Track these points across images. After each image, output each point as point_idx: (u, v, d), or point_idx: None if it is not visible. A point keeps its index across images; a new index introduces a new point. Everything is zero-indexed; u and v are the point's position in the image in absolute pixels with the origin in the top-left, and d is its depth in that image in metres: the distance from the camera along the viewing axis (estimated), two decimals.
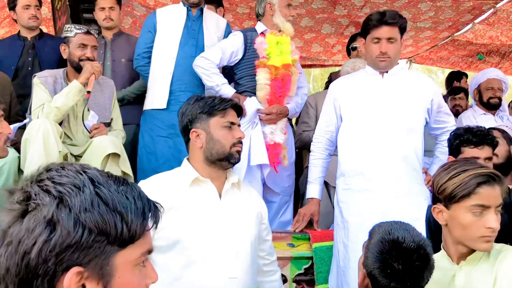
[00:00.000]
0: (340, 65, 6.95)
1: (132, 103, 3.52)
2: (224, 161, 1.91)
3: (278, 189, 3.12)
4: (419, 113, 2.56)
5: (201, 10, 3.33)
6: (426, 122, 2.64)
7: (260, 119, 3.04)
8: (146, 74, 3.35)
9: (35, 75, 2.88)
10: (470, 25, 5.15)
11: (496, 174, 1.53)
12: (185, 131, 1.97)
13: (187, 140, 1.98)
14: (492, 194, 1.50)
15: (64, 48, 2.92)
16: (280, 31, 3.12)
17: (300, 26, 5.05)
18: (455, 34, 5.41)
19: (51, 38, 3.70)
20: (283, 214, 3.16)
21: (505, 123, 3.96)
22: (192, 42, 3.26)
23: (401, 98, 2.54)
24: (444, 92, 5.32)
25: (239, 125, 2.00)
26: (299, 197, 3.71)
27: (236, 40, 3.15)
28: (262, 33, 3.16)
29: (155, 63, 3.29)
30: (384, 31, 2.49)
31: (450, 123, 2.71)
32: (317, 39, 5.42)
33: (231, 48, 3.13)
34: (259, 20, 3.21)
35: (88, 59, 2.84)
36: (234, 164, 1.93)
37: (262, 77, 3.02)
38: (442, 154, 2.72)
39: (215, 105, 1.94)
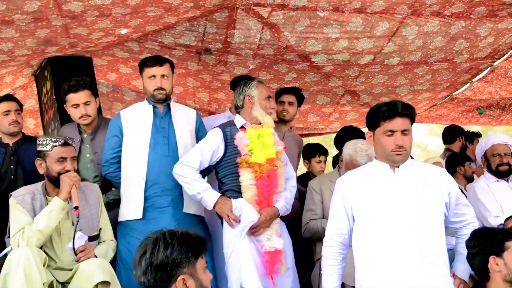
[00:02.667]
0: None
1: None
2: None
3: None
4: (439, 209, 2.34)
5: (168, 105, 3.14)
6: (446, 216, 2.40)
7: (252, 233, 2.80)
8: (117, 180, 3.09)
9: (11, 195, 2.65)
10: (468, 84, 5.05)
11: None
12: (167, 282, 1.64)
13: None
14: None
15: (40, 162, 2.69)
16: (260, 123, 2.94)
17: None
18: (454, 93, 5.30)
19: (34, 141, 3.45)
20: None
21: None
22: (163, 140, 3.05)
23: (416, 195, 2.32)
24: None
25: None
26: None
27: (215, 138, 2.95)
28: (242, 127, 2.97)
29: (126, 169, 3.05)
30: (398, 123, 2.31)
31: (470, 215, 2.50)
32: (313, 109, 5.30)
33: (211, 148, 2.92)
34: (238, 113, 3.04)
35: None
36: None
37: (246, 178, 2.81)
38: (465, 250, 2.47)
39: (200, 245, 1.68)
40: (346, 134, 3.73)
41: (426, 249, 2.25)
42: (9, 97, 3.48)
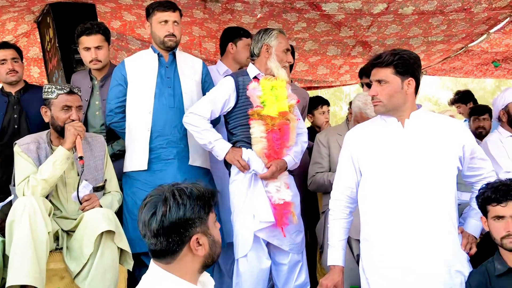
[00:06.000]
0: (348, 85, 6.69)
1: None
2: (211, 263, 1.59)
3: (286, 246, 2.80)
4: (450, 164, 2.26)
5: (174, 54, 3.04)
6: (459, 171, 2.33)
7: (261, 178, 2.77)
8: (122, 130, 3.03)
9: (15, 143, 2.61)
10: (485, 36, 4.85)
11: None
12: (181, 243, 1.54)
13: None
14: None
15: (45, 110, 2.64)
16: (273, 75, 2.84)
17: (304, 50, 4.80)
18: (469, 45, 5.11)
19: (38, 90, 3.40)
20: (298, 277, 2.83)
21: None
22: (169, 91, 2.96)
23: (427, 148, 2.24)
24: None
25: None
26: (315, 248, 3.40)
27: (227, 87, 2.85)
28: (255, 77, 2.87)
29: (131, 120, 2.98)
30: (373, 73, 2.31)
31: (486, 169, 2.40)
32: (322, 61, 5.15)
33: (222, 97, 2.84)
34: (253, 61, 2.93)
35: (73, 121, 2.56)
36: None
37: (257, 130, 2.74)
38: None
39: (209, 199, 1.54)
40: None
41: (432, 205, 2.20)
42: (4, 45, 3.36)
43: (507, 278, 2.14)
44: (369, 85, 3.72)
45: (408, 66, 2.26)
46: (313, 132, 4.18)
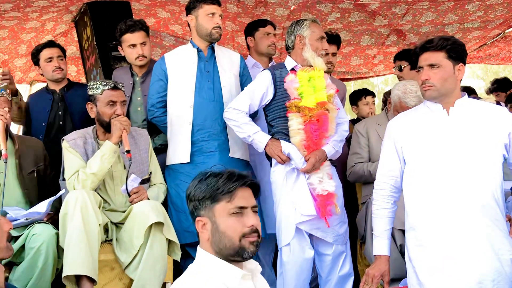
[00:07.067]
0: (382, 75, 6.61)
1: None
2: (236, 257, 1.60)
3: (330, 238, 2.81)
4: (496, 152, 2.22)
5: (212, 48, 3.07)
6: (504, 159, 2.30)
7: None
8: (163, 124, 3.09)
9: (63, 139, 2.70)
10: None
11: None
12: (193, 218, 1.68)
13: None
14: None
15: (91, 106, 2.72)
16: (311, 66, 2.84)
17: None
18: (507, 31, 4.98)
19: (80, 87, 3.51)
20: (342, 267, 2.85)
21: None
22: (209, 85, 3.00)
23: (472, 136, 2.21)
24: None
25: (254, 207, 1.64)
26: (355, 239, 3.40)
27: (264, 80, 2.88)
28: (292, 69, 2.88)
29: (172, 114, 3.03)
30: (423, 58, 2.26)
31: None
32: (356, 51, 5.11)
33: (260, 90, 2.87)
34: (289, 54, 2.94)
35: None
36: (248, 259, 1.62)
37: (295, 122, 2.76)
38: None
39: (219, 188, 1.60)
40: None
41: (479, 192, 2.17)
42: (51, 44, 3.47)
43: None
44: (400, 69, 3.71)
45: (459, 51, 2.24)
46: None
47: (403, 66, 3.69)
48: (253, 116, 3.07)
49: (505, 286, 2.11)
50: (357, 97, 4.43)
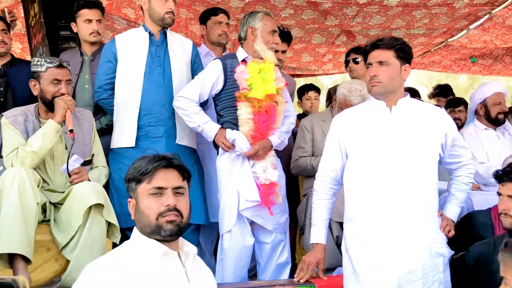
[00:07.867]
0: (330, 74, 6.78)
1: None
2: (155, 235, 1.68)
3: (270, 226, 2.87)
4: (433, 150, 2.36)
5: (164, 33, 3.06)
6: (440, 158, 2.44)
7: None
8: (110, 107, 3.06)
9: (2, 115, 2.61)
10: (464, 31, 5.00)
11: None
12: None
13: None
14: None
15: (34, 83, 2.63)
16: (262, 58, 2.89)
17: None
18: (449, 40, 5.26)
19: (24, 63, 3.39)
20: (280, 255, 2.92)
21: (506, 138, 3.81)
22: (159, 70, 2.98)
23: (412, 134, 2.34)
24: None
25: (177, 188, 1.72)
26: (295, 229, 3.49)
27: (215, 70, 2.90)
28: (243, 60, 2.92)
29: (119, 96, 3.00)
30: (373, 55, 2.36)
31: (466, 157, 2.52)
32: (307, 49, 5.22)
33: (211, 80, 2.89)
34: (241, 45, 2.98)
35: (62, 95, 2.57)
36: (168, 237, 1.68)
37: (244, 112, 2.80)
38: (459, 192, 2.54)
39: (140, 170, 1.72)
40: None
41: (415, 188, 2.29)
42: None
43: None
44: (355, 61, 3.82)
45: (407, 53, 2.36)
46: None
47: (358, 60, 3.79)
48: (203, 105, 3.08)
49: (433, 277, 2.25)
50: (301, 92, 4.55)
